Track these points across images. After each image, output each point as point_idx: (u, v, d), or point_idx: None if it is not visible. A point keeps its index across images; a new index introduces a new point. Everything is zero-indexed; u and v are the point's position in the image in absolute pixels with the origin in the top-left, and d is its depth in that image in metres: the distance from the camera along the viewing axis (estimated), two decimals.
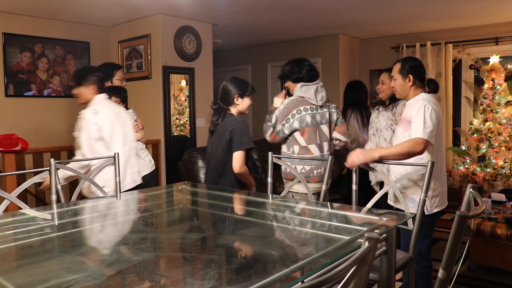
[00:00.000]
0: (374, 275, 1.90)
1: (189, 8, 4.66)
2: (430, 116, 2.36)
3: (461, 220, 1.28)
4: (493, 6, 4.70)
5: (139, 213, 2.31)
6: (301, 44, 6.72)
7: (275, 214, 2.23)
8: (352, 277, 0.94)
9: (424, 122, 2.34)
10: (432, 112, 2.37)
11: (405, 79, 2.51)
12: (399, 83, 2.54)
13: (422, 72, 2.54)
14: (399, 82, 2.55)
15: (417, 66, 2.53)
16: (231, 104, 2.79)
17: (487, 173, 5.03)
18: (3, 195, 2.14)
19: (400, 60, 2.60)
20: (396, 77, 2.55)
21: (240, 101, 2.79)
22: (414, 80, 2.50)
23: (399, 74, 2.54)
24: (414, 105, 2.46)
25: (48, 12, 4.71)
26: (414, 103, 2.48)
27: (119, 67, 3.45)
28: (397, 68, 2.56)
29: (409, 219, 2.09)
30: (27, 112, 4.93)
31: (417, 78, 2.51)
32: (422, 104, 2.41)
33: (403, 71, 2.51)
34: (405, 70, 2.51)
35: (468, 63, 5.83)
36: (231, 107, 2.80)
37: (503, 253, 3.23)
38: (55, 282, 1.24)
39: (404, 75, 2.51)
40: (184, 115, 5.35)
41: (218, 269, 1.34)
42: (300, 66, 2.93)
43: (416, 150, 2.33)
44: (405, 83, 2.52)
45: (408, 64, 2.52)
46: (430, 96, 2.50)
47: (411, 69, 2.51)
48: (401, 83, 2.53)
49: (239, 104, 2.80)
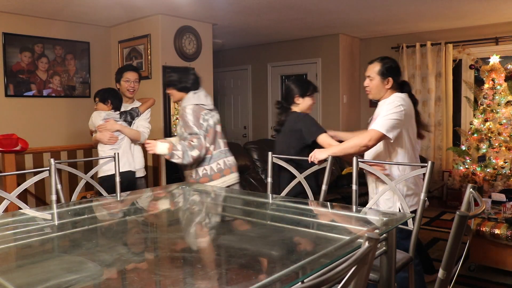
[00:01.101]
0: (374, 275, 1.90)
1: (189, 8, 4.66)
2: (395, 112, 2.32)
3: (461, 220, 1.28)
4: (493, 6, 4.70)
5: (139, 213, 2.31)
6: (301, 44, 6.72)
7: (275, 214, 2.23)
8: (352, 277, 0.94)
9: (386, 116, 2.31)
10: (399, 109, 2.33)
11: (384, 80, 2.45)
12: (376, 84, 2.47)
13: (400, 75, 2.50)
14: (376, 83, 2.48)
15: (396, 68, 2.49)
16: (292, 103, 2.87)
17: (487, 173, 5.03)
18: (3, 195, 2.14)
19: (377, 59, 2.51)
20: (374, 77, 2.47)
21: (301, 101, 2.85)
22: (393, 83, 2.46)
23: (377, 75, 2.46)
24: (384, 103, 2.44)
25: (48, 12, 4.71)
26: (386, 101, 2.46)
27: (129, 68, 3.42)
28: (375, 68, 2.48)
29: (409, 219, 2.09)
30: (27, 112, 4.92)
31: (395, 81, 2.47)
32: (392, 101, 2.39)
33: (383, 71, 2.45)
34: (385, 71, 2.44)
35: (468, 63, 5.83)
36: (293, 106, 2.87)
37: (503, 253, 3.23)
38: (55, 282, 1.24)
39: (384, 76, 2.45)
40: None
41: (218, 269, 1.34)
42: (187, 75, 2.98)
43: (364, 143, 2.31)
44: (382, 85, 2.46)
45: (388, 65, 2.45)
46: (404, 95, 2.46)
47: (392, 71, 2.45)
48: (378, 85, 2.47)
49: (300, 104, 2.86)
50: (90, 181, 2.60)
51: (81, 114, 5.26)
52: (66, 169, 2.61)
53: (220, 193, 2.67)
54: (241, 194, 2.66)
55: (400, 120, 2.34)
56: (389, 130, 2.31)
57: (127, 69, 3.41)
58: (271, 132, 7.20)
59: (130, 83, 3.34)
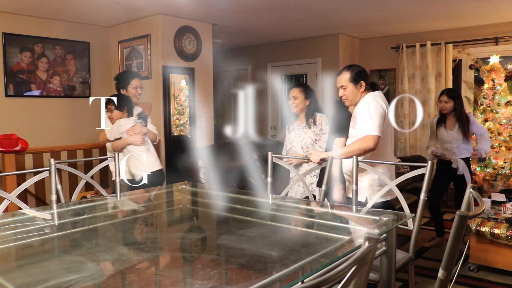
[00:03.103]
0: (374, 275, 1.90)
1: (189, 8, 4.66)
2: (375, 111, 2.48)
3: (461, 220, 1.28)
4: (493, 6, 4.70)
5: (139, 213, 2.31)
6: (301, 44, 6.72)
7: (275, 214, 2.23)
8: (352, 277, 0.94)
9: (370, 118, 2.47)
10: (377, 106, 2.49)
11: (357, 86, 2.63)
12: (351, 90, 2.65)
13: (368, 77, 2.69)
14: (351, 90, 2.65)
15: (364, 71, 2.69)
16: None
17: (487, 173, 5.03)
18: (3, 195, 2.14)
19: (344, 69, 2.69)
20: (347, 85, 2.65)
21: None
22: (365, 86, 2.63)
23: (350, 83, 2.64)
24: (361, 104, 2.59)
25: (48, 12, 4.71)
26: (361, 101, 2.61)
27: (135, 76, 3.55)
28: (346, 77, 2.65)
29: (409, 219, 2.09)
30: (27, 112, 4.92)
31: (367, 84, 2.64)
32: (367, 100, 2.54)
33: (354, 78, 2.63)
34: (357, 77, 2.63)
35: (468, 63, 5.83)
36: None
37: (503, 253, 3.23)
38: (55, 282, 1.24)
39: (356, 82, 2.62)
40: (184, 115, 5.35)
41: (218, 269, 1.34)
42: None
43: (369, 147, 2.46)
44: (357, 90, 2.64)
45: (356, 71, 2.64)
46: (377, 93, 2.63)
47: (361, 75, 2.64)
48: (353, 91, 2.65)
49: None
50: (90, 181, 2.60)
51: (81, 114, 5.26)
52: (66, 169, 2.61)
53: (220, 193, 2.67)
54: (241, 194, 2.66)
55: (383, 118, 2.51)
56: (380, 130, 2.48)
57: (134, 76, 3.51)
58: (271, 132, 7.21)
59: (137, 90, 3.46)
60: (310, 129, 3.23)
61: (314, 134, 3.21)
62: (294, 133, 3.31)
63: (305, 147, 3.21)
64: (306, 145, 3.21)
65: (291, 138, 3.32)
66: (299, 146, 3.23)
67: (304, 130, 3.26)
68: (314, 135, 3.21)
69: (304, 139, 3.23)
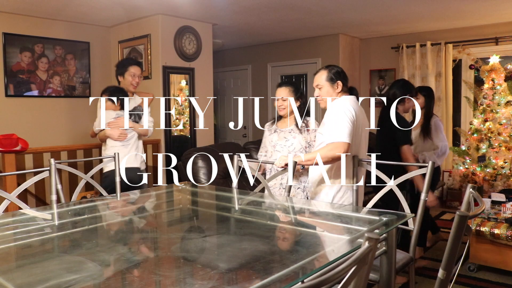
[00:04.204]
0: (374, 275, 1.90)
1: (189, 8, 4.67)
2: (344, 116, 2.34)
3: (461, 220, 1.28)
4: (493, 6, 4.70)
5: (139, 213, 2.31)
6: (301, 44, 6.72)
7: (275, 214, 2.23)
8: (352, 277, 0.94)
9: (339, 124, 2.33)
10: (346, 111, 2.35)
11: (333, 85, 2.49)
12: (327, 90, 2.50)
13: (347, 80, 2.55)
14: (326, 90, 2.51)
15: (343, 72, 2.54)
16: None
17: (487, 173, 5.03)
18: (3, 195, 2.14)
19: (323, 68, 2.56)
20: (323, 84, 2.51)
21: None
22: (342, 87, 2.50)
23: (327, 82, 2.50)
24: (331, 107, 2.46)
25: (48, 12, 4.71)
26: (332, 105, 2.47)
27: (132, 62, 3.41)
28: (322, 76, 2.52)
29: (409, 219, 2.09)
30: (27, 112, 4.92)
31: (344, 85, 2.51)
32: (337, 105, 2.41)
33: (331, 77, 2.49)
34: (334, 76, 2.49)
35: (468, 63, 5.83)
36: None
37: (503, 253, 3.23)
38: (55, 282, 1.24)
39: (333, 81, 2.49)
40: (184, 115, 5.35)
41: (218, 269, 1.34)
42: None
43: (337, 154, 2.31)
44: (333, 90, 2.50)
45: (334, 70, 2.51)
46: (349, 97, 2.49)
47: (338, 75, 2.50)
48: (328, 91, 2.50)
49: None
50: (90, 181, 2.60)
51: (81, 114, 5.26)
52: (66, 169, 2.61)
53: (220, 193, 2.67)
54: (241, 194, 2.66)
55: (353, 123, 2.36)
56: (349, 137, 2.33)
57: (131, 63, 3.39)
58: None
59: (135, 78, 3.34)
60: (301, 134, 2.85)
61: (305, 141, 2.85)
62: (277, 136, 2.92)
63: (292, 153, 2.80)
64: (294, 151, 2.82)
65: (273, 140, 2.92)
66: (285, 151, 2.84)
67: (292, 134, 2.87)
68: (305, 141, 2.84)
69: (292, 144, 2.84)
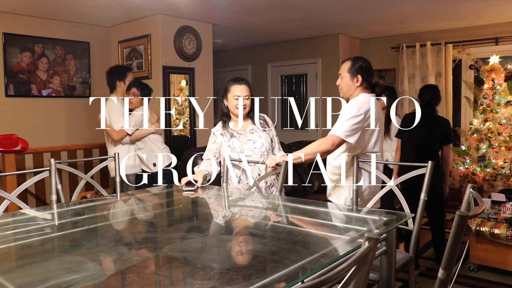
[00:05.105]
0: (374, 275, 1.90)
1: (189, 8, 4.66)
2: (353, 115, 2.30)
3: (461, 220, 1.27)
4: (493, 6, 4.70)
5: (139, 213, 2.31)
6: (301, 44, 6.72)
7: (275, 214, 2.23)
8: (352, 277, 0.94)
9: (343, 120, 2.31)
10: (357, 112, 2.31)
11: (353, 78, 2.45)
12: (346, 82, 2.47)
13: (371, 75, 2.49)
14: (346, 81, 2.48)
15: (367, 67, 2.47)
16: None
17: (487, 173, 5.03)
18: (3, 195, 2.14)
19: (350, 58, 2.51)
20: (344, 75, 2.48)
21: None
22: (362, 81, 2.44)
23: (347, 73, 2.47)
24: (346, 105, 2.44)
25: (48, 12, 4.71)
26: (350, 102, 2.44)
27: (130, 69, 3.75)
28: (346, 66, 2.48)
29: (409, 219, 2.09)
30: (27, 112, 4.92)
31: (365, 80, 2.46)
32: (350, 104, 2.40)
33: (353, 70, 2.45)
34: (355, 69, 2.44)
35: (468, 63, 5.83)
36: None
37: (503, 253, 3.23)
38: (55, 282, 1.24)
39: (353, 74, 2.45)
40: (184, 115, 5.35)
41: (218, 269, 1.34)
42: None
43: (326, 148, 2.29)
44: (352, 83, 2.46)
45: (358, 64, 2.45)
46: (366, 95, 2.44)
47: (361, 69, 2.44)
48: (348, 82, 2.47)
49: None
50: (90, 181, 2.60)
51: (81, 114, 5.27)
52: (66, 169, 2.62)
53: (220, 193, 2.67)
54: (241, 194, 2.66)
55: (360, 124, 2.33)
56: (349, 135, 2.30)
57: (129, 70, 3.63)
58: None
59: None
60: (265, 132, 2.74)
61: (269, 138, 2.74)
62: (238, 140, 2.72)
63: (265, 154, 2.69)
64: (266, 151, 2.70)
65: (236, 146, 2.70)
66: (257, 154, 2.68)
67: (256, 134, 2.72)
68: (269, 138, 2.74)
69: (263, 145, 2.69)
